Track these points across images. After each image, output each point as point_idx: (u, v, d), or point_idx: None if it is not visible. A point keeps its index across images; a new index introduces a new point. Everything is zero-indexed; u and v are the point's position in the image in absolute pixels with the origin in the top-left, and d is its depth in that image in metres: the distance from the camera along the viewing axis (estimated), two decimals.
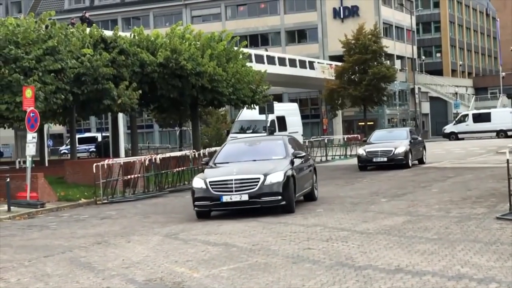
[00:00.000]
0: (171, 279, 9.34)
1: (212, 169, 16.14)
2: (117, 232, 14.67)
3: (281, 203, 15.16)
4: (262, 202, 15.04)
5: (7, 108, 24.22)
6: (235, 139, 21.72)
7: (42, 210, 20.02)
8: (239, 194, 14.88)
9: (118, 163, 23.82)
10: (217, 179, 15.20)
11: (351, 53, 65.15)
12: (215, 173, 15.63)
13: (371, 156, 28.78)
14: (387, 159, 28.41)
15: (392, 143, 29.13)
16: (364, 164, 28.98)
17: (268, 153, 16.67)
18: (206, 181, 15.11)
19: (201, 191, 15.12)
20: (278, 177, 15.08)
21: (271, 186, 14.97)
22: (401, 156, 28.38)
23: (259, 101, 37.80)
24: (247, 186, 14.94)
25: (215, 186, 15.04)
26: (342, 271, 9.03)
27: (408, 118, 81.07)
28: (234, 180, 14.99)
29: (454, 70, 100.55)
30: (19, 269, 10.86)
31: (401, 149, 28.49)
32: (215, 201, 15.02)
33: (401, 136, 30.67)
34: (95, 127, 78.40)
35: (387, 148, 28.71)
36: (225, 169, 15.82)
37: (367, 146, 30.02)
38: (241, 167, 15.74)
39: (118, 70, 29.29)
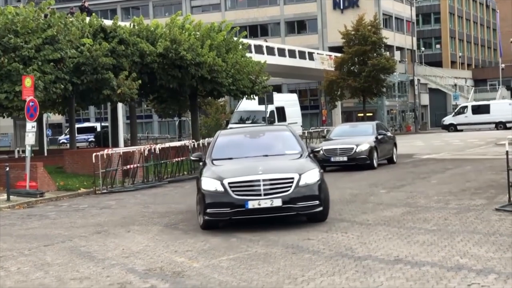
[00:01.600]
0: (170, 268, 9.37)
1: (219, 166, 12.75)
2: (117, 222, 14.69)
3: (317, 209, 12.11)
4: (298, 208, 11.91)
5: (6, 97, 24.20)
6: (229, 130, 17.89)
7: (42, 199, 20.04)
8: (270, 199, 11.74)
9: (117, 153, 23.83)
10: (240, 179, 11.89)
11: (351, 44, 65.06)
12: (231, 172, 12.27)
13: (329, 155, 24.55)
14: (347, 158, 24.50)
15: (354, 139, 25.25)
16: (321, 164, 23.49)
17: (279, 148, 13.81)
18: (224, 183, 11.87)
19: (216, 195, 11.90)
20: (313, 176, 12.17)
21: (308, 188, 11.99)
22: (364, 155, 24.50)
23: (259, 91, 37.77)
24: (279, 189, 11.81)
25: (238, 188, 11.81)
26: (342, 262, 9.05)
27: (407, 110, 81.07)
28: (263, 180, 11.80)
29: (454, 61, 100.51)
30: (19, 258, 10.88)
31: (364, 147, 24.60)
32: (237, 207, 11.75)
33: (365, 131, 26.67)
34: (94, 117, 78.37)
35: (347, 146, 24.75)
36: (243, 166, 12.54)
37: (325, 143, 26.07)
38: (264, 164, 12.49)
39: (117, 60, 29.26)
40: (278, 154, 13.42)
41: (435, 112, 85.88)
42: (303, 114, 56.02)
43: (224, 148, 13.70)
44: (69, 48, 26.54)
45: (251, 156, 13.21)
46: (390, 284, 7.81)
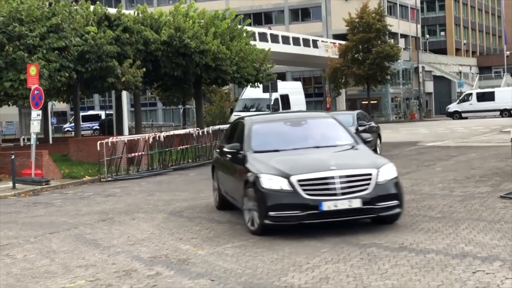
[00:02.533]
0: (176, 256, 9.40)
1: (272, 160, 10.78)
2: (122, 209, 14.73)
3: (396, 210, 10.43)
4: (378, 209, 10.20)
5: (11, 86, 24.25)
6: (261, 117, 15.30)
7: (47, 187, 20.10)
8: (348, 199, 9.98)
9: (122, 141, 23.86)
10: (312, 176, 10.08)
11: (355, 31, 64.86)
12: (297, 167, 10.34)
13: None
14: None
15: None
16: None
17: (328, 137, 12.10)
18: (291, 180, 10.01)
19: (282, 196, 10.02)
20: (391, 171, 10.60)
21: (387, 186, 10.37)
22: None
23: (263, 79, 37.78)
24: (357, 187, 10.10)
25: (310, 187, 9.99)
26: (347, 249, 9.07)
27: (412, 97, 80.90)
28: (339, 177, 10.05)
29: (458, 49, 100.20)
30: (25, 246, 10.93)
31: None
32: (309, 209, 9.93)
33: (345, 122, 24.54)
34: (99, 105, 78.41)
35: None
36: (308, 160, 10.75)
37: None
38: (331, 158, 10.87)
39: (122, 48, 29.28)
40: (330, 145, 11.57)
41: (439, 99, 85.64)
42: (307, 102, 55.95)
43: (264, 138, 11.75)
44: (74, 36, 26.54)
45: (301, 147, 11.39)
46: (394, 271, 7.83)
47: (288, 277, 7.87)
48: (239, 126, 12.75)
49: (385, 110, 76.94)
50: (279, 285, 7.56)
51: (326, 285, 7.44)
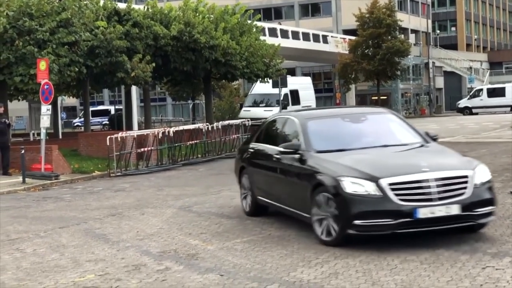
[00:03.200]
0: (185, 251, 9.40)
1: (347, 160, 9.49)
2: (131, 204, 14.75)
3: (491, 217, 9.30)
4: (477, 216, 8.98)
5: (22, 80, 24.30)
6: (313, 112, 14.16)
7: (57, 182, 20.14)
8: (445, 205, 8.74)
9: (131, 136, 23.88)
10: (406, 178, 8.83)
11: (365, 27, 64.71)
12: (385, 169, 9.07)
13: None
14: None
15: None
16: None
17: (395, 135, 10.80)
18: (381, 183, 8.76)
19: (370, 201, 8.76)
20: (485, 173, 9.37)
21: (483, 189, 9.16)
22: None
23: (273, 74, 37.75)
24: (454, 191, 8.86)
25: (403, 191, 8.74)
26: (356, 244, 9.04)
27: (422, 93, 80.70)
28: (435, 180, 8.82)
29: (469, 44, 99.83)
30: (34, 240, 10.95)
31: None
32: (403, 217, 8.64)
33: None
34: (109, 100, 78.51)
35: None
36: (394, 160, 9.64)
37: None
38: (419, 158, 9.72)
39: (131, 43, 29.31)
40: (400, 144, 10.31)
41: (450, 95, 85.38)
42: (317, 97, 55.86)
43: (322, 136, 10.43)
44: (83, 31, 26.58)
45: (368, 146, 10.16)
46: (404, 266, 7.81)
47: (297, 272, 7.86)
48: (285, 122, 11.35)
49: (395, 106, 76.74)
50: (288, 280, 7.55)
51: (335, 280, 7.43)
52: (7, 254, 9.90)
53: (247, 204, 12.02)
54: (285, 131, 11.26)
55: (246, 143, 12.96)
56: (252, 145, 12.21)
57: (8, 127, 21.77)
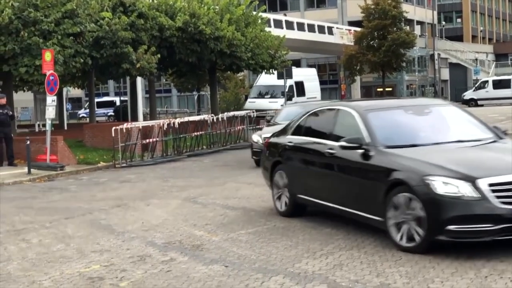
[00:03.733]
0: (190, 242, 9.42)
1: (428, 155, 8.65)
2: (136, 195, 14.78)
3: None
4: None
5: (27, 71, 24.31)
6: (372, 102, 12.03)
7: (62, 173, 20.17)
8: None
9: (136, 127, 23.90)
10: (507, 179, 7.94)
11: (370, 18, 64.48)
12: (479, 167, 8.23)
13: None
14: None
15: None
16: (259, 157, 16.58)
17: (466, 129, 9.91)
18: (478, 184, 7.86)
19: (465, 204, 7.86)
20: None
21: None
22: None
23: (278, 66, 37.72)
24: None
25: (504, 193, 7.86)
26: (360, 236, 9.06)
27: (427, 84, 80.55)
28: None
29: (475, 36, 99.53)
30: (40, 230, 10.99)
31: None
32: (505, 222, 7.78)
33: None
34: (114, 91, 78.56)
35: None
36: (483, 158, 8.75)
37: (266, 130, 19.33)
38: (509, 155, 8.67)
39: (136, 34, 29.29)
40: (474, 139, 9.45)
41: (455, 87, 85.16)
42: (322, 89, 55.78)
43: (388, 129, 9.50)
44: (89, 22, 26.55)
45: (442, 142, 9.27)
46: (408, 258, 7.82)
47: (302, 263, 7.88)
48: (335, 115, 10.21)
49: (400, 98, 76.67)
50: (293, 271, 7.57)
51: (340, 271, 7.45)
52: (13, 245, 9.93)
53: (282, 204, 10.88)
54: (337, 124, 10.03)
55: (277, 136, 11.66)
56: (289, 138, 11.01)
57: (10, 118, 21.74)
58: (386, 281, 7.01)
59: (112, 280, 7.66)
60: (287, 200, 10.79)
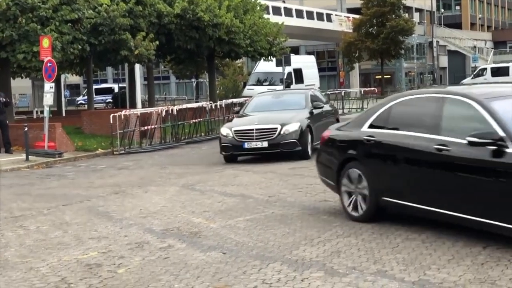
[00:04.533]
0: (188, 229, 9.43)
1: None
2: (134, 182, 14.78)
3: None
4: None
5: (24, 58, 24.28)
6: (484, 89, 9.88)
7: (60, 159, 20.19)
8: None
9: (135, 114, 23.91)
10: None
11: (369, 5, 64.42)
12: None
13: (241, 139, 16.98)
14: (268, 143, 16.83)
15: (279, 115, 17.73)
16: (230, 152, 17.35)
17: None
18: None
19: None
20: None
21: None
22: (293, 139, 16.91)
23: (276, 53, 37.70)
24: None
25: None
26: (358, 223, 9.06)
27: (426, 72, 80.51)
28: None
29: (473, 23, 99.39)
30: (38, 217, 11.00)
31: (293, 127, 17.05)
32: None
33: (295, 103, 18.81)
34: (112, 78, 78.46)
35: (268, 126, 17.03)
36: None
37: (236, 122, 18.05)
38: None
39: (135, 20, 29.25)
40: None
41: (453, 74, 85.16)
42: (321, 76, 55.76)
43: None
44: (86, 8, 26.49)
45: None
46: (406, 245, 7.83)
47: (299, 250, 7.89)
48: (443, 103, 8.54)
49: (399, 85, 76.60)
50: (290, 258, 7.58)
51: (338, 258, 7.46)
52: (10, 231, 9.94)
53: (359, 206, 9.26)
54: (445, 115, 8.42)
55: (345, 129, 10.13)
56: (367, 132, 9.36)
57: (5, 105, 21.68)
58: (383, 268, 7.02)
59: (110, 267, 7.66)
60: (363, 203, 9.20)
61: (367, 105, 41.56)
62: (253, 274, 7.03)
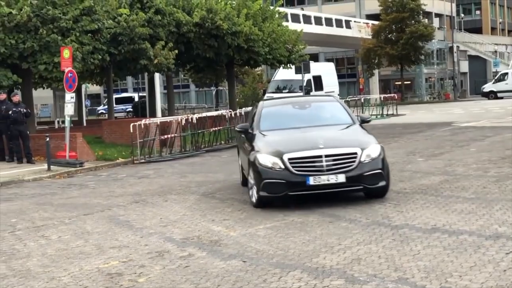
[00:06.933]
0: (208, 237, 9.44)
1: None
2: (155, 191, 14.82)
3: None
4: None
5: (46, 69, 24.46)
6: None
7: (81, 169, 20.29)
8: None
9: (155, 122, 23.98)
10: None
11: (388, 11, 64.32)
12: None
13: (302, 171, 10.94)
14: (345, 177, 10.92)
15: (337, 134, 12.12)
16: (283, 192, 11.07)
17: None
18: None
19: None
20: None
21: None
22: (378, 169, 11.20)
23: (295, 60, 37.69)
24: None
25: None
26: (379, 230, 9.03)
27: (446, 77, 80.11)
28: None
29: (494, 28, 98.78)
30: (59, 227, 11.06)
31: (374, 151, 11.30)
32: None
33: (333, 115, 13.06)
34: (132, 87, 78.85)
35: (343, 150, 11.13)
36: None
37: (277, 146, 11.42)
38: None
39: (154, 30, 29.38)
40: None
41: (474, 79, 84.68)
42: (340, 83, 55.69)
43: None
44: (106, 18, 26.66)
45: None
46: (427, 252, 7.78)
47: (319, 258, 7.87)
48: None
49: (419, 91, 76.31)
50: (310, 266, 7.56)
51: (358, 266, 7.43)
52: (32, 241, 10.00)
53: None
54: None
55: None
56: None
57: (25, 116, 21.82)
58: (404, 275, 6.98)
59: (131, 276, 7.69)
60: None
61: (387, 112, 41.45)
62: (274, 282, 7.02)
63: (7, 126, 21.58)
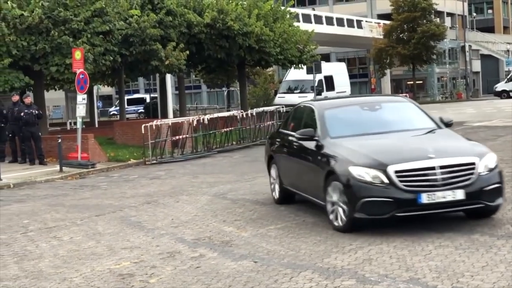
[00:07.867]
0: (219, 238, 9.45)
1: None
2: (166, 192, 14.85)
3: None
4: None
5: (57, 70, 24.52)
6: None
7: (93, 170, 20.34)
8: None
9: (166, 123, 24.01)
10: None
11: (400, 11, 64.13)
12: None
13: (412, 186, 8.81)
14: (464, 193, 8.82)
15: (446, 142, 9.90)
16: (390, 213, 8.82)
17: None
18: None
19: None
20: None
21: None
22: (497, 182, 9.26)
23: (307, 61, 37.64)
24: None
25: None
26: (390, 230, 8.99)
27: (458, 77, 79.82)
28: None
29: (506, 27, 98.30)
30: (71, 228, 11.09)
31: (491, 161, 9.39)
32: None
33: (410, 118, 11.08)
34: (144, 88, 78.98)
35: (459, 159, 9.11)
36: None
37: (374, 155, 9.22)
38: None
39: (165, 31, 29.42)
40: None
41: (487, 78, 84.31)
42: (352, 83, 55.54)
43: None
44: (118, 20, 26.69)
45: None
46: (438, 252, 7.76)
47: (331, 258, 7.86)
48: None
49: (431, 90, 76.06)
50: (322, 266, 7.55)
51: (369, 266, 7.42)
52: (44, 242, 10.04)
53: None
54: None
55: None
56: None
57: (37, 117, 21.88)
58: (416, 275, 6.96)
59: (142, 276, 7.71)
60: None
61: None
62: (285, 283, 7.03)
63: (19, 128, 21.69)
